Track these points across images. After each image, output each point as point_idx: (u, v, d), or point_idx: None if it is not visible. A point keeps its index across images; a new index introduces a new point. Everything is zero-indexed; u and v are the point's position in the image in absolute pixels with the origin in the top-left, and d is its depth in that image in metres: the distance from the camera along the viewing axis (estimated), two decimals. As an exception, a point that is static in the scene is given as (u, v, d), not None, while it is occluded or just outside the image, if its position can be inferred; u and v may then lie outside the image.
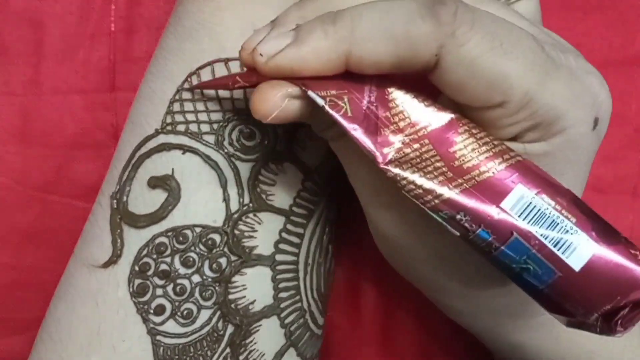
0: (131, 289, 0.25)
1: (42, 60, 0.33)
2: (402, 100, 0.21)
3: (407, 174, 0.20)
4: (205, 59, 0.26)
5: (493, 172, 0.20)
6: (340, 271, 0.34)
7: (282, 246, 0.26)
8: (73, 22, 0.33)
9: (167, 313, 0.25)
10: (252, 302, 0.26)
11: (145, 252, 0.25)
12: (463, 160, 0.20)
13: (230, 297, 0.25)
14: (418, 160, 0.20)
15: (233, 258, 0.25)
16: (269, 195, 0.26)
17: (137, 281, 0.25)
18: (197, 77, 0.26)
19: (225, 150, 0.25)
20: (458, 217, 0.20)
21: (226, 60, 0.25)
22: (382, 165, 0.20)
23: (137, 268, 0.25)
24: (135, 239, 0.25)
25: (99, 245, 0.26)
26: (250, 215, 0.26)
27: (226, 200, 0.25)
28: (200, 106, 0.26)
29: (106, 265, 0.25)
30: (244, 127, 0.26)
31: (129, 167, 0.26)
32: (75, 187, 0.33)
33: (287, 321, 0.27)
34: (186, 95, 0.26)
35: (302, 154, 0.27)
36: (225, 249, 0.25)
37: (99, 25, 0.33)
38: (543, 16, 0.26)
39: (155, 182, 0.25)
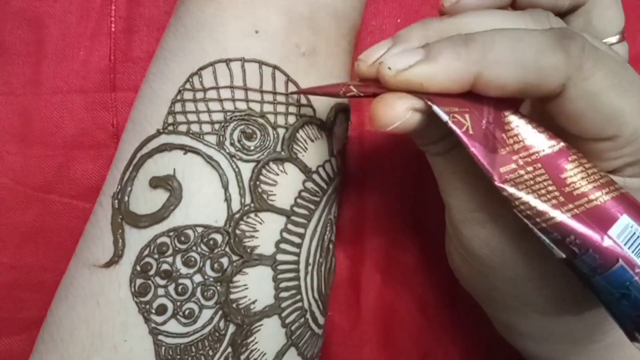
0: (133, 289, 0.25)
1: (42, 60, 0.33)
2: (517, 123, 0.22)
3: (521, 194, 0.21)
4: (206, 59, 0.26)
5: (600, 201, 0.21)
6: (341, 271, 0.34)
7: (283, 246, 0.26)
8: (73, 22, 0.33)
9: (169, 313, 0.25)
10: (254, 302, 0.26)
11: (146, 252, 0.25)
12: (573, 186, 0.21)
13: (232, 296, 0.25)
14: (532, 182, 0.21)
15: (234, 258, 0.25)
16: (270, 195, 0.26)
17: (139, 281, 0.25)
18: (198, 78, 0.26)
19: (227, 151, 0.25)
20: (567, 240, 0.20)
21: (227, 61, 0.26)
22: (498, 184, 0.21)
23: (138, 268, 0.25)
24: (136, 239, 0.25)
25: (100, 245, 0.26)
26: (252, 215, 0.26)
27: (227, 200, 0.25)
28: (201, 106, 0.26)
29: (107, 265, 0.25)
30: (246, 128, 0.26)
31: (130, 167, 0.26)
32: (75, 187, 0.33)
33: (288, 321, 0.27)
34: (187, 95, 0.26)
35: (303, 155, 0.27)
36: (227, 249, 0.25)
37: (99, 25, 0.33)
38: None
39: (156, 182, 0.25)
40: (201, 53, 0.26)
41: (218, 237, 0.25)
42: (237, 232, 0.25)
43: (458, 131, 0.21)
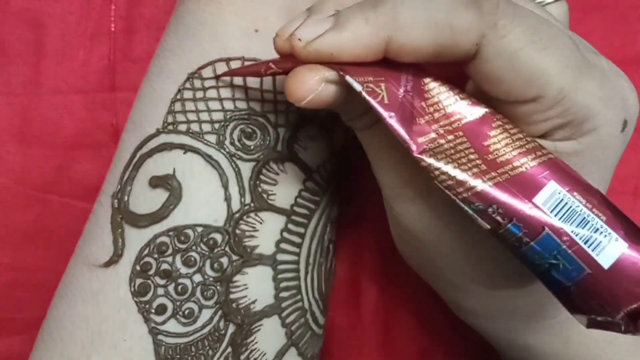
0: (132, 289, 0.25)
1: (42, 60, 0.33)
2: (438, 91, 0.21)
3: (440, 164, 0.20)
4: (206, 58, 0.26)
5: (526, 168, 0.20)
6: (341, 271, 0.34)
7: (283, 246, 0.26)
8: (73, 22, 0.33)
9: (169, 312, 0.25)
10: (254, 302, 0.26)
11: (146, 251, 0.25)
12: (497, 154, 0.20)
13: (232, 296, 0.25)
14: (452, 151, 0.20)
15: (234, 257, 0.25)
16: (270, 194, 0.26)
17: (139, 281, 0.25)
18: (198, 77, 0.26)
19: (227, 150, 0.25)
20: (490, 210, 0.19)
21: (227, 60, 0.25)
22: (416, 154, 0.20)
23: (138, 267, 0.25)
24: (136, 239, 0.25)
25: (100, 244, 0.26)
26: (252, 214, 0.26)
27: (227, 199, 0.25)
28: (201, 106, 0.26)
29: (107, 264, 0.25)
30: (246, 127, 0.26)
31: (130, 166, 0.26)
32: (75, 187, 0.33)
33: (288, 321, 0.27)
34: (187, 94, 0.26)
35: (303, 154, 0.27)
36: (227, 249, 0.25)
37: (99, 25, 0.33)
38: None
39: (156, 182, 0.25)
40: (201, 52, 0.26)
41: (218, 237, 0.25)
42: (237, 231, 0.25)
43: (372, 101, 0.20)
